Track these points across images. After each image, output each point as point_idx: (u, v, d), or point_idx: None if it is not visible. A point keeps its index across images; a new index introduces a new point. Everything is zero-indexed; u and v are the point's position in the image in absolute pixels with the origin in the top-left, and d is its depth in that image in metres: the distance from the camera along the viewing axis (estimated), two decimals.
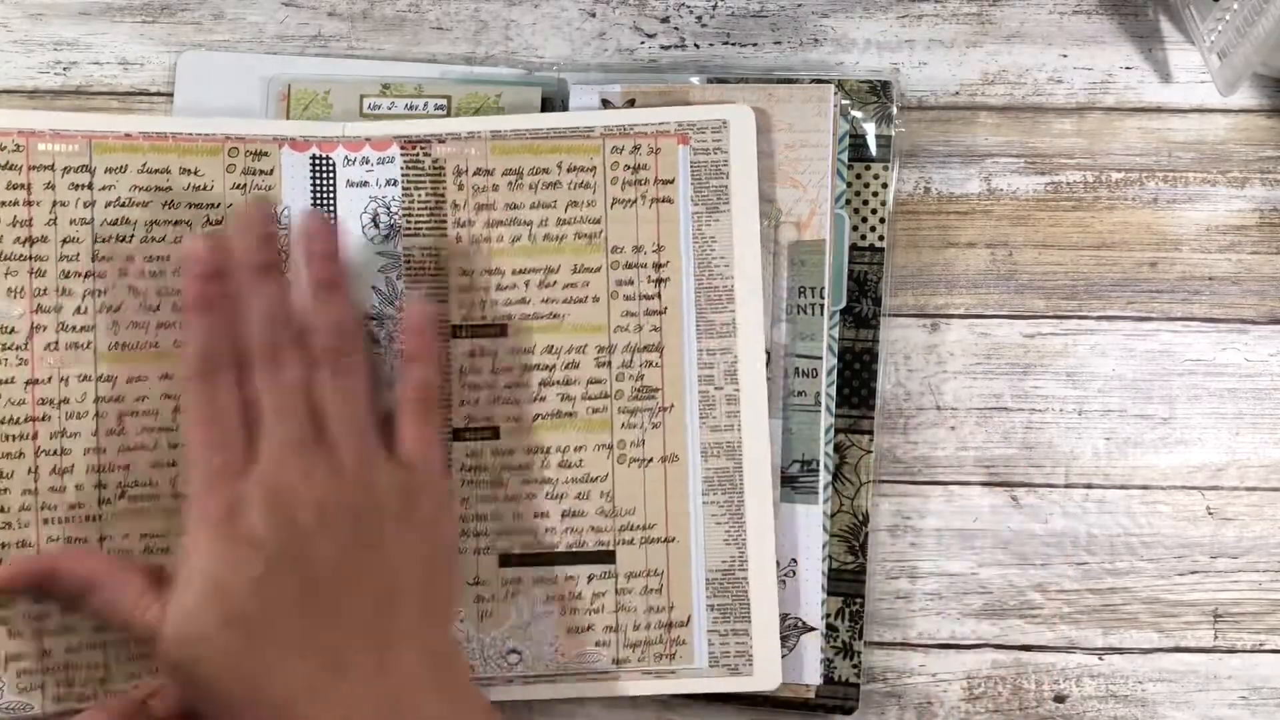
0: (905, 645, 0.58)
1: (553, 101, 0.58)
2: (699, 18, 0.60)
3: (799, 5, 0.60)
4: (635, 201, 0.56)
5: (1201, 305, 0.59)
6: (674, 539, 0.55)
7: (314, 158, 0.56)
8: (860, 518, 0.57)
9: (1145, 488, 0.59)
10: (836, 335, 0.57)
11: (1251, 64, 0.55)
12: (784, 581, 0.56)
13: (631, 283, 0.56)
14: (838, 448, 0.57)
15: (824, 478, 0.56)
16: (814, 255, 0.56)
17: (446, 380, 0.55)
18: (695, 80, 0.58)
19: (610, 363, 0.56)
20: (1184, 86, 0.60)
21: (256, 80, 0.59)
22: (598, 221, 0.56)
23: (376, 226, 0.56)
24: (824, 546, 0.56)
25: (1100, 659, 0.58)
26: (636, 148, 0.56)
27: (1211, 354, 0.59)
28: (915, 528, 0.59)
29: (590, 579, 0.55)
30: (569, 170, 0.56)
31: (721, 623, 0.55)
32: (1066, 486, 0.59)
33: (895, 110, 0.58)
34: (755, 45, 0.60)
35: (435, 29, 0.60)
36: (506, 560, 0.55)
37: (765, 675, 0.55)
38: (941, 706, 0.58)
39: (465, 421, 0.55)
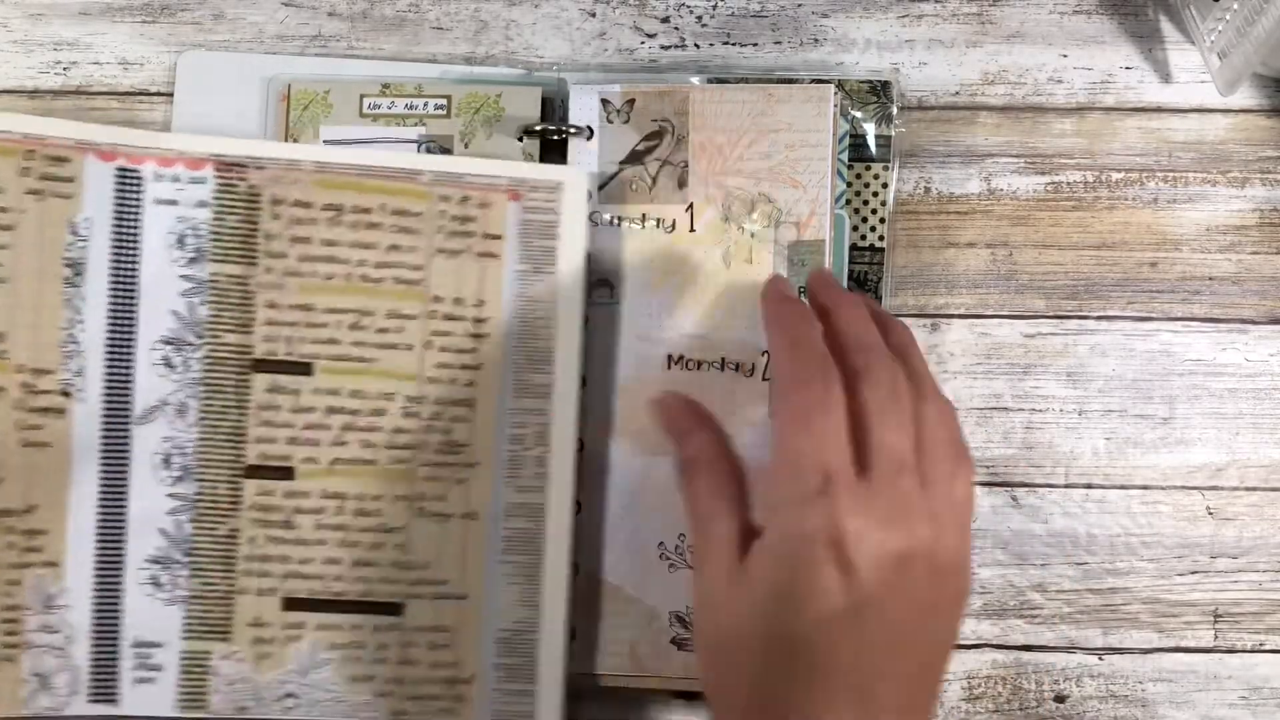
0: None
1: (552, 101, 0.58)
2: (699, 18, 0.60)
3: (799, 5, 0.60)
4: (460, 253, 0.54)
5: (1201, 305, 0.59)
6: (466, 596, 0.54)
7: (120, 169, 0.54)
8: None
9: (1145, 488, 0.59)
10: None
11: (1251, 64, 0.55)
12: None
13: (449, 334, 0.54)
14: None
15: None
16: (814, 255, 0.56)
17: (243, 415, 0.54)
18: (695, 80, 0.58)
19: (419, 414, 0.54)
20: (1184, 86, 0.60)
21: (256, 80, 0.59)
22: (419, 268, 0.54)
23: (182, 248, 0.54)
24: None
25: (1100, 659, 0.58)
26: (466, 199, 0.55)
27: (1211, 354, 0.59)
28: None
29: (376, 629, 0.54)
30: (394, 213, 0.54)
31: (507, 682, 0.54)
32: (1066, 486, 0.59)
33: (895, 110, 0.58)
34: (755, 45, 0.60)
35: (435, 29, 0.60)
36: (291, 604, 0.54)
37: None
38: (941, 706, 0.58)
39: (259, 459, 0.54)
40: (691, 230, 0.57)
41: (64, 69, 0.60)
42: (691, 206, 0.57)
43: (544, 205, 0.55)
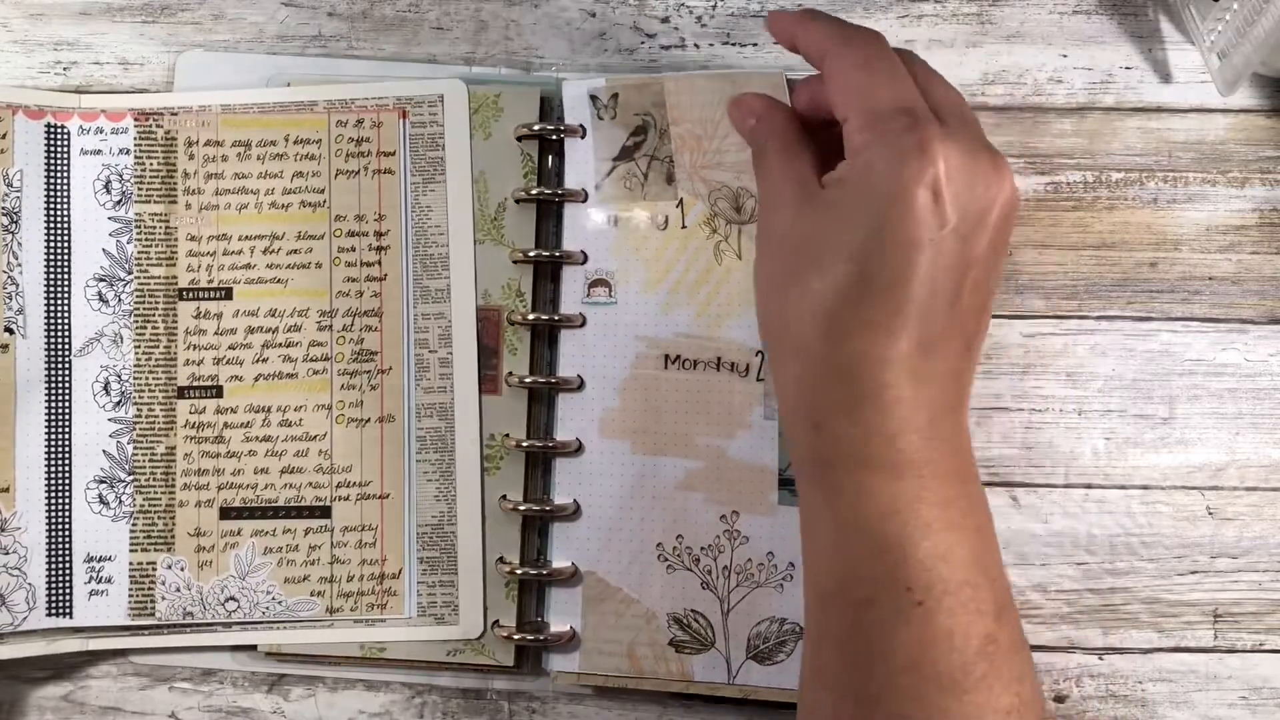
0: None
1: (552, 101, 0.58)
2: (699, 18, 0.60)
3: (799, 5, 0.60)
4: (358, 172, 0.58)
5: (1201, 305, 0.59)
6: (388, 495, 0.58)
7: (49, 125, 0.58)
8: None
9: (1145, 488, 0.59)
10: None
11: (1251, 64, 0.55)
12: (781, 586, 0.56)
13: (354, 250, 0.58)
14: None
15: None
16: None
17: (173, 341, 0.58)
18: None
19: (331, 326, 0.58)
20: (1184, 86, 0.60)
21: (257, 80, 0.59)
22: (322, 191, 0.58)
23: (108, 192, 0.58)
24: None
25: (1100, 659, 0.58)
26: (360, 122, 0.58)
27: (1211, 354, 0.59)
28: None
29: (307, 532, 0.58)
30: (296, 142, 0.58)
31: (430, 574, 0.57)
32: (1066, 486, 0.58)
33: None
34: (755, 45, 0.60)
35: (435, 29, 0.60)
36: (227, 513, 0.58)
37: (469, 624, 0.57)
38: None
39: (190, 380, 0.58)
40: (683, 226, 0.57)
41: (64, 69, 0.60)
42: (682, 202, 0.57)
43: (429, 119, 0.58)
